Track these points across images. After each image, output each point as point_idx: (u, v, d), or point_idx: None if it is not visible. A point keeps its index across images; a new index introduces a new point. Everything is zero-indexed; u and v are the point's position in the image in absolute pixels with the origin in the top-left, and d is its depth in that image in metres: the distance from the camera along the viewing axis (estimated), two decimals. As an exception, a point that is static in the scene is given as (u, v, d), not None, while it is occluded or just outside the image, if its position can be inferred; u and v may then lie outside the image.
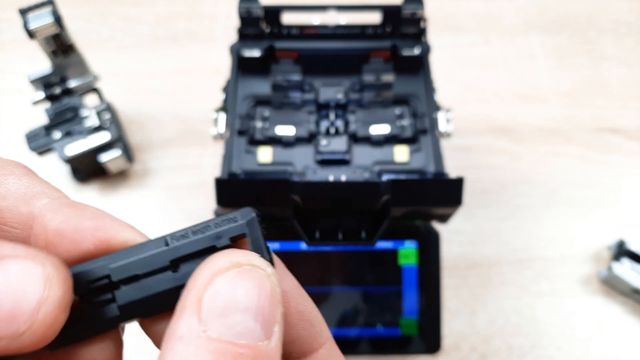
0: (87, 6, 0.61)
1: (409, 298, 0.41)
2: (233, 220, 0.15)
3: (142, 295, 0.15)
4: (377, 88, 0.40)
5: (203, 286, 0.13)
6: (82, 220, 0.15)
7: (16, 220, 0.15)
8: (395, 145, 0.39)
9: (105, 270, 0.15)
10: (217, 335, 0.12)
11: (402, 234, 0.41)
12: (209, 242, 0.15)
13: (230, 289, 0.13)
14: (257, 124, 0.40)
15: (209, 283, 0.13)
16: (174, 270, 0.15)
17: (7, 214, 0.15)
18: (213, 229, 0.15)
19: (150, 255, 0.15)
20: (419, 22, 0.41)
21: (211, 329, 0.12)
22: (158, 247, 0.15)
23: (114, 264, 0.15)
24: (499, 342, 0.45)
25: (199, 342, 0.12)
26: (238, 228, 0.15)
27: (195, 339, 0.12)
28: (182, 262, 0.15)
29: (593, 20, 0.61)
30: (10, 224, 0.15)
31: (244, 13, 0.40)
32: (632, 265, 0.45)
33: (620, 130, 0.54)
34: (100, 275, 0.15)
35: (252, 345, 0.12)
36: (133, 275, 0.15)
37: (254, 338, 0.13)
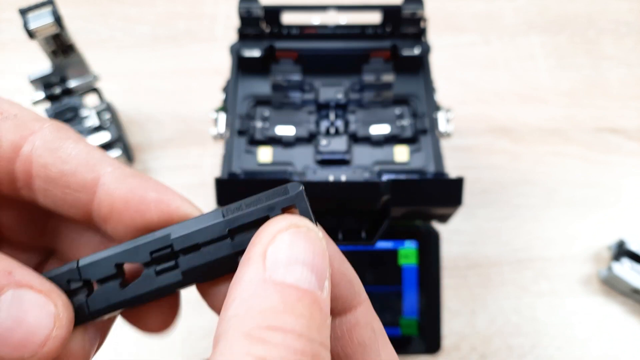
0: (87, 6, 0.61)
1: (409, 298, 0.41)
2: (283, 192, 0.16)
3: (203, 261, 0.16)
4: (377, 88, 0.40)
5: (267, 241, 0.15)
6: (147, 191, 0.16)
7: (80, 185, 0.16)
8: (395, 145, 0.39)
9: (168, 240, 0.16)
10: (281, 279, 0.14)
11: (402, 234, 0.41)
12: (263, 213, 0.16)
13: (290, 245, 0.15)
14: (257, 124, 0.40)
15: (272, 239, 0.15)
16: (231, 239, 0.16)
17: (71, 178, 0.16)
18: (265, 202, 0.16)
19: (209, 226, 0.16)
20: (419, 22, 0.41)
21: (276, 275, 0.14)
22: (215, 219, 0.16)
23: (175, 235, 0.16)
24: (499, 342, 0.45)
25: (265, 284, 0.14)
26: (289, 200, 0.16)
27: (262, 282, 0.14)
28: (238, 232, 0.16)
29: (593, 20, 0.61)
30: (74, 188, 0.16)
31: (244, 13, 0.40)
32: (632, 265, 0.45)
33: (620, 130, 0.54)
34: (162, 245, 0.16)
35: (310, 291, 0.14)
36: (194, 245, 0.16)
37: (311, 286, 0.14)
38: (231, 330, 0.13)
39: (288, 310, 0.13)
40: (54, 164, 0.16)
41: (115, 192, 0.16)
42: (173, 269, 0.17)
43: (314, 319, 0.14)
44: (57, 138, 0.16)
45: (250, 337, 0.13)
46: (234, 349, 0.13)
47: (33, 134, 0.16)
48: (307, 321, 0.14)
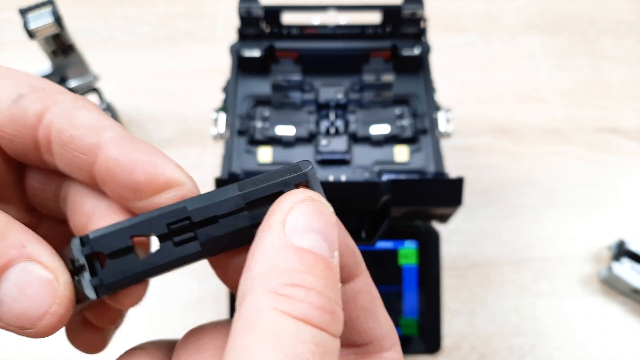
0: (87, 6, 0.61)
1: (409, 298, 0.41)
2: (296, 169, 0.17)
3: (221, 232, 0.17)
4: (377, 88, 0.40)
5: (287, 210, 0.16)
6: (137, 154, 0.17)
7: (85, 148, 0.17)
8: (395, 145, 0.39)
9: (185, 212, 0.17)
10: (300, 244, 0.15)
11: (402, 234, 0.41)
12: (278, 188, 0.17)
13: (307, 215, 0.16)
14: (257, 124, 0.40)
15: (291, 208, 0.16)
16: (248, 211, 0.17)
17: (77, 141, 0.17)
18: (279, 178, 0.17)
19: (227, 199, 0.17)
20: (419, 22, 0.41)
21: (295, 240, 0.15)
22: (232, 192, 0.17)
23: (192, 207, 0.17)
24: (499, 342, 0.45)
25: (287, 247, 0.15)
26: (301, 176, 0.17)
27: (284, 245, 0.15)
28: (254, 205, 0.17)
29: (593, 20, 0.61)
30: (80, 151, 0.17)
31: (244, 13, 0.40)
32: (632, 265, 0.45)
33: (620, 130, 0.54)
34: (180, 217, 0.17)
35: (324, 256, 0.15)
36: (212, 217, 0.17)
37: (324, 253, 0.16)
38: (256, 287, 0.15)
39: (308, 271, 0.15)
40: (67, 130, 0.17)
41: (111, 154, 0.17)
42: (192, 240, 0.17)
43: (329, 280, 0.15)
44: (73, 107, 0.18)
45: (275, 293, 0.14)
46: (261, 304, 0.14)
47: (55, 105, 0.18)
48: (324, 281, 0.15)
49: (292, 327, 0.14)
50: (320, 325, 0.14)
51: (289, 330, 0.14)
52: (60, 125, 0.17)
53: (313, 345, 0.14)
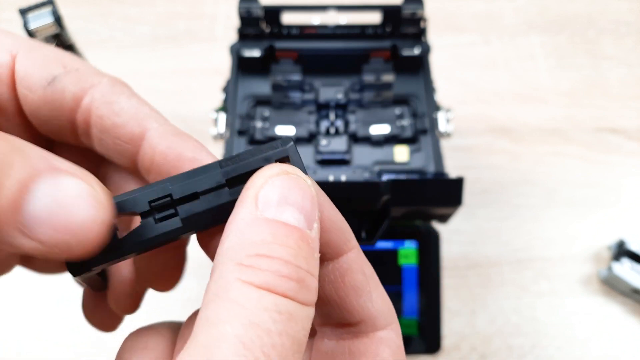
0: (87, 6, 0.61)
1: (409, 298, 0.41)
2: (276, 146, 0.17)
3: (201, 209, 0.17)
4: (377, 88, 0.40)
5: (260, 184, 0.16)
6: (184, 150, 0.18)
7: (128, 137, 0.18)
8: (395, 145, 0.39)
9: (167, 190, 0.17)
10: (272, 216, 0.15)
11: (402, 234, 0.41)
12: (259, 164, 0.17)
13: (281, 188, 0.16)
14: (257, 124, 0.40)
15: (265, 182, 0.16)
16: (229, 187, 0.17)
17: (121, 130, 0.17)
18: (260, 154, 0.17)
19: (208, 175, 0.17)
20: (419, 22, 0.41)
21: (267, 213, 0.15)
22: (213, 169, 0.17)
23: (173, 184, 0.17)
24: (499, 342, 0.45)
25: (257, 220, 0.15)
26: (282, 152, 0.17)
27: (255, 219, 0.15)
28: (235, 181, 0.17)
29: (593, 20, 0.61)
30: (123, 139, 0.18)
31: (244, 13, 0.40)
32: (632, 265, 0.45)
33: (620, 130, 0.54)
34: (161, 195, 0.17)
35: (298, 227, 0.15)
36: (193, 193, 0.17)
37: (300, 224, 0.15)
38: (224, 260, 0.15)
39: (277, 242, 0.15)
40: (109, 116, 0.18)
41: (157, 147, 0.18)
42: (172, 217, 0.17)
43: (301, 250, 0.15)
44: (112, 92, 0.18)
45: (240, 265, 0.14)
46: (226, 275, 0.14)
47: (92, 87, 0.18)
48: (294, 251, 0.15)
49: (254, 296, 0.14)
50: (285, 293, 0.14)
51: (251, 298, 0.14)
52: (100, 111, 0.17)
53: (275, 313, 0.14)
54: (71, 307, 0.46)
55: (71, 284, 0.47)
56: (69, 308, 0.46)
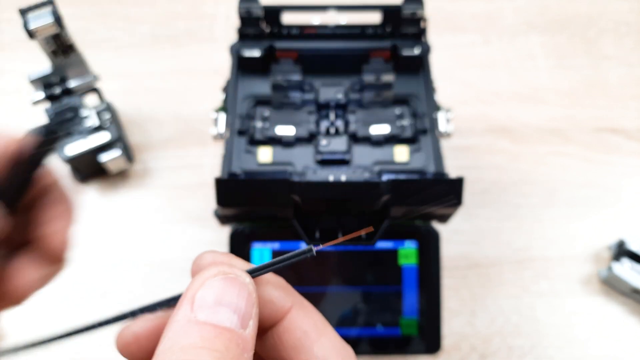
0: (87, 6, 0.61)
1: (409, 298, 0.41)
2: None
3: None
4: (377, 88, 0.40)
5: (197, 286, 0.17)
6: None
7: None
8: (395, 145, 0.39)
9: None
10: (204, 319, 0.16)
11: (402, 234, 0.41)
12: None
13: (216, 289, 0.17)
14: (257, 124, 0.40)
15: (201, 284, 0.17)
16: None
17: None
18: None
19: None
20: (419, 22, 0.41)
21: (200, 315, 0.16)
22: None
23: None
24: (499, 342, 0.45)
25: (189, 323, 0.16)
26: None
27: (187, 322, 0.16)
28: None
29: (593, 20, 0.61)
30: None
31: (244, 13, 0.40)
32: (632, 265, 0.45)
33: (620, 130, 0.54)
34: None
35: (230, 328, 0.16)
36: None
37: (232, 325, 0.16)
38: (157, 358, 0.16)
39: (206, 346, 0.16)
40: None
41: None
42: None
43: (229, 352, 0.16)
44: None
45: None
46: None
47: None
48: (221, 355, 0.16)
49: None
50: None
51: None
52: None
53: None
54: (70, 305, 0.46)
55: (71, 283, 0.47)
56: (68, 307, 0.46)
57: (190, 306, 0.16)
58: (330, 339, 0.20)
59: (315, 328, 0.20)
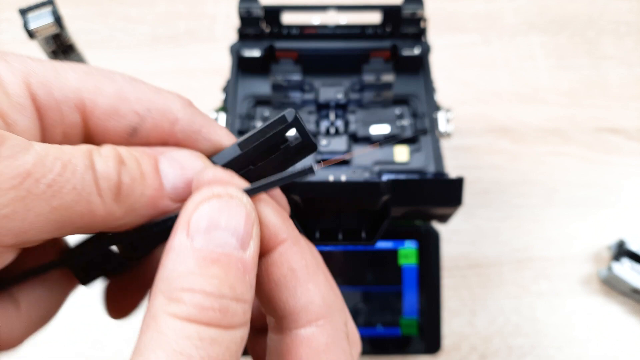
0: (87, 6, 0.61)
1: (409, 298, 0.41)
2: (283, 120, 0.19)
3: None
4: (377, 88, 0.40)
5: (191, 211, 0.16)
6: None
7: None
8: (395, 145, 0.39)
9: None
10: (200, 245, 0.16)
11: (402, 234, 0.41)
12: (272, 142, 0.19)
13: (211, 212, 0.16)
14: (257, 124, 0.40)
15: (195, 209, 0.16)
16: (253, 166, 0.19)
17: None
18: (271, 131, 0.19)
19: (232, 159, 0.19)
20: (419, 22, 0.41)
21: (196, 242, 0.16)
22: (235, 152, 0.19)
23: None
24: (499, 342, 0.45)
25: (186, 251, 0.16)
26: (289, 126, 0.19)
27: (184, 249, 0.16)
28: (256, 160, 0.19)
29: (593, 20, 0.61)
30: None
31: (244, 13, 0.40)
32: (632, 265, 0.45)
33: (620, 130, 0.54)
34: None
35: (227, 253, 0.16)
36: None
37: (230, 248, 0.16)
38: (156, 291, 0.16)
39: (202, 273, 0.15)
40: None
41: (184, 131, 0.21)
42: None
43: (228, 277, 0.16)
44: None
45: (168, 298, 0.15)
46: (155, 307, 0.15)
47: None
48: (218, 281, 0.16)
49: (177, 326, 0.15)
50: (207, 322, 0.15)
51: (174, 329, 0.15)
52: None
53: (197, 340, 0.15)
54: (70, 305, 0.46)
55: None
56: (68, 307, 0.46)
57: (186, 232, 0.16)
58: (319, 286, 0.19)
59: (306, 270, 0.19)
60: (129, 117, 0.19)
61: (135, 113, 0.19)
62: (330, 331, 0.18)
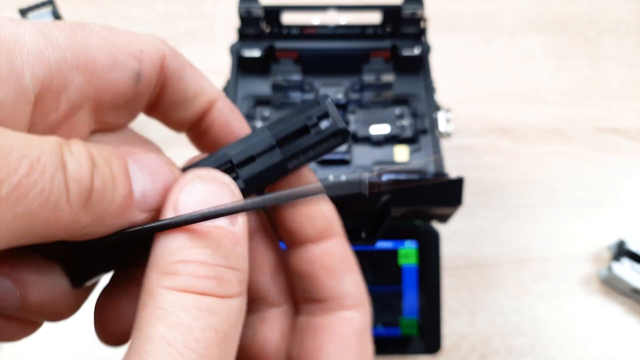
0: (87, 6, 0.61)
1: (409, 298, 0.41)
2: (316, 104, 0.19)
3: (260, 169, 0.19)
4: (377, 88, 0.40)
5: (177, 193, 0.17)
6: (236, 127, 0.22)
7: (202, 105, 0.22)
8: (395, 145, 0.39)
9: (227, 157, 0.19)
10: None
11: (402, 234, 0.41)
12: (302, 123, 0.19)
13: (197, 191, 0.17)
14: (257, 124, 0.40)
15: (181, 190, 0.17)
16: (280, 147, 0.19)
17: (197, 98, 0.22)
18: (302, 114, 0.19)
19: (260, 139, 0.19)
20: (419, 22, 0.41)
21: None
22: (264, 133, 0.19)
23: (233, 151, 0.19)
24: (499, 342, 0.45)
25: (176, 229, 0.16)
26: (322, 109, 0.19)
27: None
28: (284, 142, 0.19)
29: (593, 20, 0.61)
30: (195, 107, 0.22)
31: (244, 13, 0.40)
32: (632, 265, 0.45)
33: (620, 130, 0.54)
34: (223, 162, 0.19)
35: (217, 226, 0.16)
36: (249, 157, 0.19)
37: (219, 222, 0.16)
38: (150, 270, 0.16)
39: (193, 245, 0.16)
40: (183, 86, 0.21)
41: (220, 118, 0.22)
42: (236, 180, 0.19)
43: (220, 248, 0.16)
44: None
45: (162, 272, 0.15)
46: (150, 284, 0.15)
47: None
48: (211, 251, 0.16)
49: (174, 298, 0.15)
50: (203, 291, 0.15)
51: (171, 301, 0.15)
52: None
53: (195, 310, 0.15)
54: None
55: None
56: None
57: (174, 212, 0.16)
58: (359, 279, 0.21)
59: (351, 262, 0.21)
60: (129, 63, 0.18)
61: (133, 57, 0.19)
62: (366, 318, 0.20)
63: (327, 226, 0.20)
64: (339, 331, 0.20)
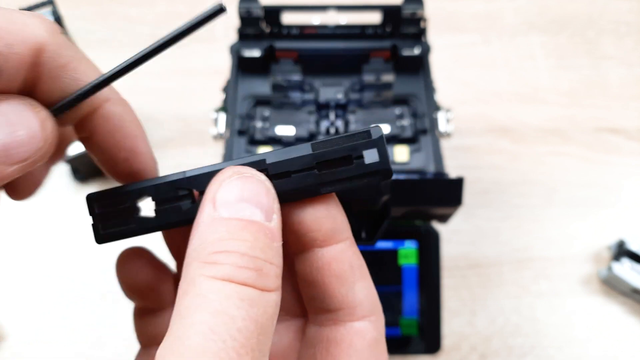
0: (87, 6, 0.61)
1: (409, 298, 0.41)
2: (366, 136, 0.19)
3: (292, 187, 0.19)
4: (377, 88, 0.40)
5: (217, 187, 0.17)
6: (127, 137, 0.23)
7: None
8: (395, 145, 0.39)
9: (264, 165, 0.19)
10: (229, 215, 0.17)
11: (402, 234, 0.41)
12: (346, 152, 0.19)
13: (236, 188, 0.17)
14: (257, 124, 0.40)
15: (220, 186, 0.17)
16: (318, 170, 0.19)
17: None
18: (349, 142, 0.19)
19: (300, 157, 0.19)
20: (419, 22, 0.41)
21: (223, 213, 0.17)
22: (306, 151, 0.19)
23: (270, 160, 0.19)
24: (499, 342, 0.45)
25: (215, 221, 0.16)
26: (371, 143, 0.18)
27: (213, 220, 0.17)
28: (324, 166, 0.19)
29: (593, 20, 0.61)
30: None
31: (244, 13, 0.40)
32: (632, 265, 0.45)
33: (620, 130, 0.54)
34: (259, 168, 0.19)
35: (255, 221, 0.17)
36: (286, 172, 0.19)
37: (257, 217, 0.17)
38: (190, 260, 0.16)
39: (233, 237, 0.16)
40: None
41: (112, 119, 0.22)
42: None
43: (258, 241, 0.16)
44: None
45: (203, 262, 0.16)
46: (192, 273, 0.16)
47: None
48: (250, 244, 0.16)
49: (216, 287, 0.15)
50: (244, 282, 0.15)
51: (214, 289, 0.15)
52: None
53: (237, 300, 0.15)
54: (70, 306, 0.46)
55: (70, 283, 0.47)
56: (68, 307, 0.46)
57: (213, 206, 0.17)
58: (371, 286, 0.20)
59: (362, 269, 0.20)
60: None
61: None
62: (379, 328, 0.20)
63: (336, 229, 0.20)
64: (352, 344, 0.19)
